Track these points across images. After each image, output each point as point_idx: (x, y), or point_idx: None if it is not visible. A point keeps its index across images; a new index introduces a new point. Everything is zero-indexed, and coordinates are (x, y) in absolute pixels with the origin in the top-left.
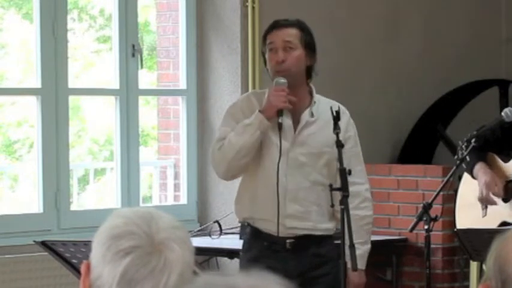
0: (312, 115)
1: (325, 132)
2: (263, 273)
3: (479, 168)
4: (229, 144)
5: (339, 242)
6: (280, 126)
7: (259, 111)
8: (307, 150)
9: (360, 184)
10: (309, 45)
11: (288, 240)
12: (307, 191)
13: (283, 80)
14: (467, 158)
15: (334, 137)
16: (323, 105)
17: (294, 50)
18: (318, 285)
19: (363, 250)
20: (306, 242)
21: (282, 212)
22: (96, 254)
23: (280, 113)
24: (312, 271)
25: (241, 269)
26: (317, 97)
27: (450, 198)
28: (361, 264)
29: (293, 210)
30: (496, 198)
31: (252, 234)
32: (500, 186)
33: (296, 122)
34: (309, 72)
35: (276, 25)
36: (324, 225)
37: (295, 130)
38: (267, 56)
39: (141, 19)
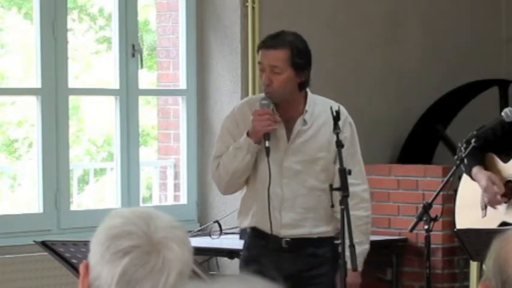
0: (304, 123)
1: (319, 138)
2: (253, 277)
3: (476, 172)
4: (223, 167)
5: (338, 242)
6: (267, 151)
7: (247, 134)
8: (301, 158)
9: (356, 185)
10: (299, 65)
11: (284, 240)
12: (304, 198)
13: (265, 102)
14: (465, 161)
15: (328, 140)
16: (319, 108)
17: (280, 74)
18: (313, 286)
19: (358, 250)
20: (302, 242)
21: (277, 222)
22: (94, 254)
23: (266, 136)
24: (308, 271)
25: (240, 268)
26: (312, 100)
27: (450, 198)
28: (359, 264)
29: (288, 219)
30: (498, 197)
31: (251, 234)
32: (499, 183)
33: (290, 130)
34: (302, 85)
35: (265, 45)
36: (320, 229)
37: (288, 139)
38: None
39: (140, 18)
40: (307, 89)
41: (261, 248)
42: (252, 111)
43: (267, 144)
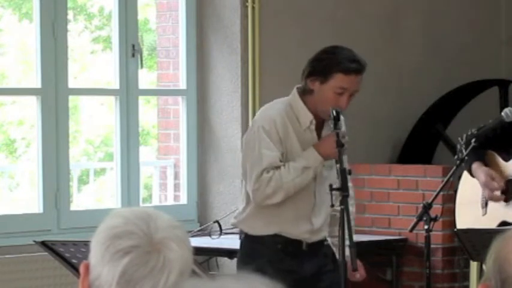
0: (330, 128)
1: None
2: (252, 276)
3: (476, 168)
4: (288, 184)
5: (326, 242)
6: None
7: (318, 152)
8: (326, 164)
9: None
10: None
11: (305, 242)
12: (327, 203)
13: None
14: (466, 159)
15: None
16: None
17: (354, 95)
18: (323, 282)
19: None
20: (320, 243)
21: (308, 229)
22: (95, 254)
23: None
24: (321, 268)
25: (239, 269)
26: None
27: (450, 198)
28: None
29: (317, 225)
30: (497, 192)
31: (269, 240)
32: (498, 179)
33: (319, 137)
34: None
35: (354, 71)
36: (328, 231)
37: None
38: (327, 92)
39: (140, 17)
40: None
41: (276, 252)
42: (290, 121)
43: (338, 166)
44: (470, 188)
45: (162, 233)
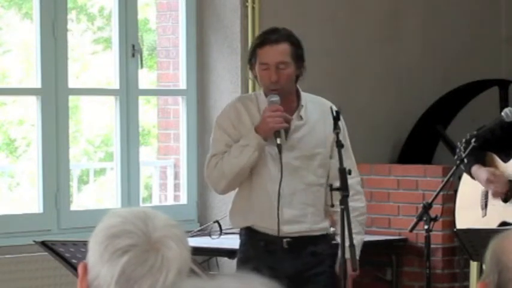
0: (300, 118)
1: (315, 133)
2: (251, 275)
3: (476, 170)
4: (228, 165)
5: (335, 241)
6: (280, 148)
7: (256, 131)
8: (299, 154)
9: (350, 178)
10: (299, 58)
11: (285, 240)
12: (303, 193)
13: (276, 98)
14: (466, 160)
15: (324, 136)
16: (311, 105)
17: (285, 69)
18: (315, 284)
19: (357, 240)
20: (303, 241)
21: (279, 219)
22: (93, 254)
23: (277, 133)
24: (309, 270)
25: (238, 269)
26: (304, 97)
27: (450, 198)
28: (357, 254)
29: (289, 216)
30: (497, 195)
31: (248, 234)
32: (499, 173)
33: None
34: (297, 78)
35: (267, 41)
36: (320, 225)
37: (286, 135)
38: (258, 72)
39: (140, 17)
40: (299, 88)
41: (260, 249)
42: (245, 109)
43: (278, 141)
44: (469, 190)
45: (160, 232)
